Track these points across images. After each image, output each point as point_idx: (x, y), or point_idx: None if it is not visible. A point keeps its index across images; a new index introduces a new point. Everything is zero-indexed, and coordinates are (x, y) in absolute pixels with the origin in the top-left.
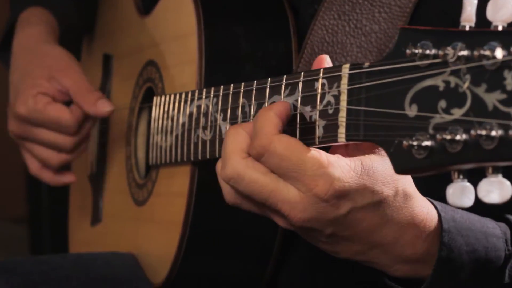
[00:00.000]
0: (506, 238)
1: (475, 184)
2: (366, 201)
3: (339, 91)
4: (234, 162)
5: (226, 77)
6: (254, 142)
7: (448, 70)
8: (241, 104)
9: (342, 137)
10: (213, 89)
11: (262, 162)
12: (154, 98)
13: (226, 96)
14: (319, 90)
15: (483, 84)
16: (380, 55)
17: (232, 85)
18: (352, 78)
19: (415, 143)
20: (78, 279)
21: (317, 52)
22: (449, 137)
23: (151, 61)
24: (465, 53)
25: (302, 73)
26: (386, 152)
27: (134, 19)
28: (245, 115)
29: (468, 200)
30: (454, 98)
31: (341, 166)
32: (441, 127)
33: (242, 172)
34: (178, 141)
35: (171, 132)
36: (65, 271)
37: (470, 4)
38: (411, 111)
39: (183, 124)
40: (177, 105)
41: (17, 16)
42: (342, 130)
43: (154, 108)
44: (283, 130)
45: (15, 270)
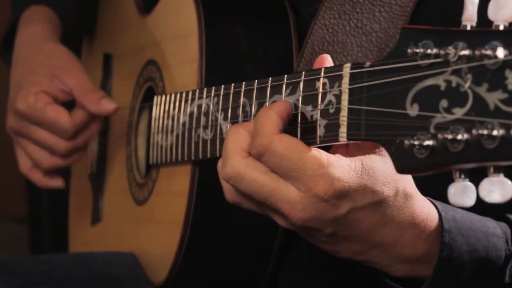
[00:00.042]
0: (506, 237)
1: (477, 183)
2: (366, 201)
3: (340, 91)
4: (235, 162)
5: (227, 76)
6: (254, 142)
7: (449, 69)
8: (242, 103)
9: (343, 136)
10: (213, 88)
11: (263, 161)
12: (155, 98)
13: (227, 95)
14: (320, 90)
15: (485, 83)
16: (380, 55)
17: (233, 84)
18: (353, 78)
19: (417, 143)
20: (78, 279)
21: (317, 51)
22: (450, 136)
23: (152, 60)
24: (466, 52)
25: (303, 72)
26: (387, 151)
27: (135, 19)
28: (246, 115)
29: (469, 199)
30: (456, 97)
31: (341, 166)
32: (442, 127)
33: (242, 171)
34: (179, 140)
35: (172, 131)
36: (65, 271)
37: (472, 3)
38: (413, 111)
39: (184, 123)
40: (177, 104)
41: (19, 15)
42: (343, 130)
43: (154, 107)
44: (284, 129)
45: (15, 269)
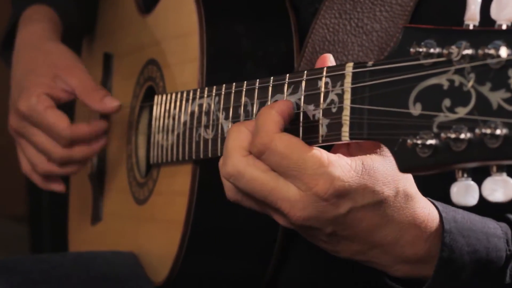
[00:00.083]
0: (507, 238)
1: (480, 182)
2: (366, 201)
3: (343, 90)
4: (235, 160)
5: (228, 76)
6: (255, 140)
7: (452, 68)
8: (243, 102)
9: (345, 135)
10: (215, 87)
11: (263, 160)
12: (155, 97)
13: (228, 94)
14: (323, 89)
15: (488, 82)
16: (381, 54)
17: (234, 83)
18: (355, 77)
19: (419, 142)
20: (78, 278)
21: (318, 51)
22: (453, 135)
23: (152, 60)
24: (469, 52)
25: (305, 71)
26: (390, 150)
27: (135, 18)
28: (247, 114)
29: (472, 198)
30: (459, 96)
31: (341, 166)
32: (445, 126)
33: (242, 169)
34: (180, 139)
35: (173, 130)
36: (65, 270)
37: (474, 2)
38: (415, 110)
39: (185, 122)
40: (178, 103)
41: (19, 14)
42: (345, 129)
43: (155, 106)
44: (286, 128)
45: (15, 268)
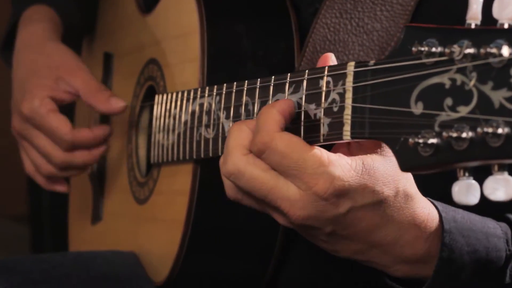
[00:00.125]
0: (507, 238)
1: (481, 181)
2: (366, 200)
3: (344, 89)
4: (235, 158)
5: (228, 75)
6: (255, 139)
7: (454, 67)
8: (244, 102)
9: (347, 135)
10: (215, 87)
11: (263, 159)
12: (156, 97)
13: (229, 94)
14: (324, 88)
15: (490, 81)
16: (382, 53)
17: (235, 83)
18: (357, 76)
19: (421, 141)
20: (78, 278)
21: (319, 50)
22: (455, 134)
23: (153, 59)
24: (471, 51)
25: (307, 71)
26: (391, 150)
27: (135, 18)
28: (248, 113)
29: (473, 197)
30: (460, 95)
31: (341, 165)
32: (447, 125)
33: (242, 168)
34: (180, 139)
35: (173, 130)
36: (65, 269)
37: (476, 2)
38: (417, 109)
39: (186, 122)
40: (179, 103)
41: (19, 14)
42: (347, 128)
43: (156, 106)
44: (287, 128)
45: (16, 268)
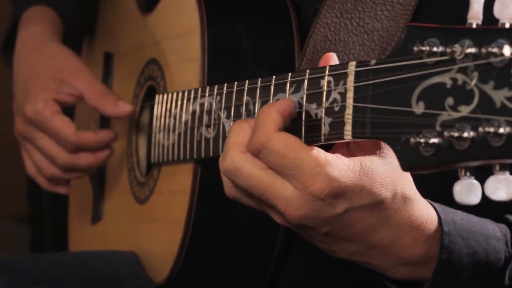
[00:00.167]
0: (506, 240)
1: (482, 181)
2: (363, 201)
3: (345, 89)
4: (233, 155)
5: (229, 75)
6: (253, 138)
7: (455, 67)
8: (245, 101)
9: (348, 134)
10: (216, 86)
11: (261, 158)
12: (156, 96)
13: (230, 93)
14: (325, 88)
15: (491, 81)
16: (382, 53)
17: (236, 82)
18: (358, 76)
19: (422, 140)
20: (78, 277)
21: (319, 50)
22: (456, 134)
23: (153, 59)
24: (472, 50)
25: (308, 70)
26: (393, 149)
27: (136, 17)
28: (249, 113)
29: (475, 197)
30: (462, 95)
31: (338, 166)
32: (448, 124)
33: (240, 165)
34: (181, 139)
35: (174, 130)
36: (65, 269)
37: (477, 1)
38: (418, 109)
39: (186, 122)
40: (179, 103)
41: (20, 14)
42: (348, 128)
43: (156, 106)
44: (288, 127)
45: (16, 268)
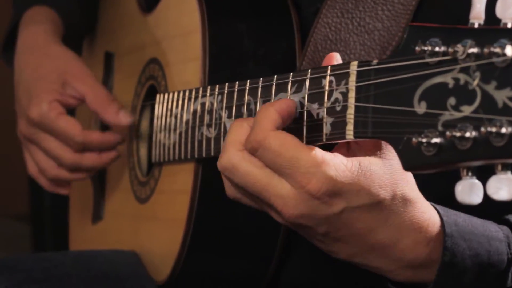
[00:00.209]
0: (508, 241)
1: (484, 181)
2: (361, 202)
3: (347, 88)
4: (230, 153)
5: (230, 74)
6: (250, 137)
7: (457, 67)
8: (246, 101)
9: (350, 134)
10: (217, 86)
11: (257, 156)
12: (157, 96)
13: (231, 93)
14: (327, 87)
15: (493, 81)
16: (383, 53)
17: (237, 82)
18: (360, 75)
19: (424, 140)
20: (79, 276)
21: (320, 50)
22: (458, 134)
23: (154, 58)
24: (475, 50)
25: (309, 70)
26: (394, 149)
27: (136, 17)
28: (250, 113)
29: (477, 197)
30: (464, 95)
31: (335, 165)
32: (450, 124)
33: (237, 163)
34: (182, 138)
35: (175, 129)
36: (66, 268)
37: (479, 1)
38: (420, 108)
39: (187, 121)
40: (180, 102)
41: (20, 15)
42: (350, 127)
43: (157, 105)
44: (289, 127)
45: (17, 267)
